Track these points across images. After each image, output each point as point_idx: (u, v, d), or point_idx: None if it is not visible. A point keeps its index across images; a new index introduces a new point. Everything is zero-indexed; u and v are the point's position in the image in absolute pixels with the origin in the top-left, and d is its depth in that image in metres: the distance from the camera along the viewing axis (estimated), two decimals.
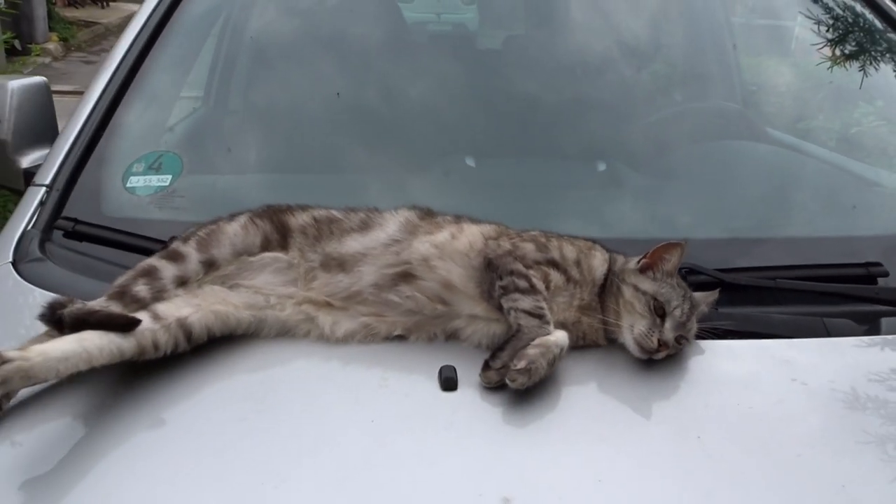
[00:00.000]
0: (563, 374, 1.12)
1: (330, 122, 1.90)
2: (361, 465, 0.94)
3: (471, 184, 1.85)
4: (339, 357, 1.14)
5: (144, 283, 1.15)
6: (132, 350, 1.06)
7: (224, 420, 1.02)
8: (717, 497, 0.92)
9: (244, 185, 1.66)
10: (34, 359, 0.96)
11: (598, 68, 2.10)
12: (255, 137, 1.80)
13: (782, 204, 1.74)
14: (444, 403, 1.05)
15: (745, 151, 1.99)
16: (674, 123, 2.05)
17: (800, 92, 2.31)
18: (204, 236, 1.24)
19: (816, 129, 2.17)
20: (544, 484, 0.93)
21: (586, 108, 2.04)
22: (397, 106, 1.97)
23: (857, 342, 1.24)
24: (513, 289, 1.13)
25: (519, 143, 1.96)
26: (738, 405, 1.08)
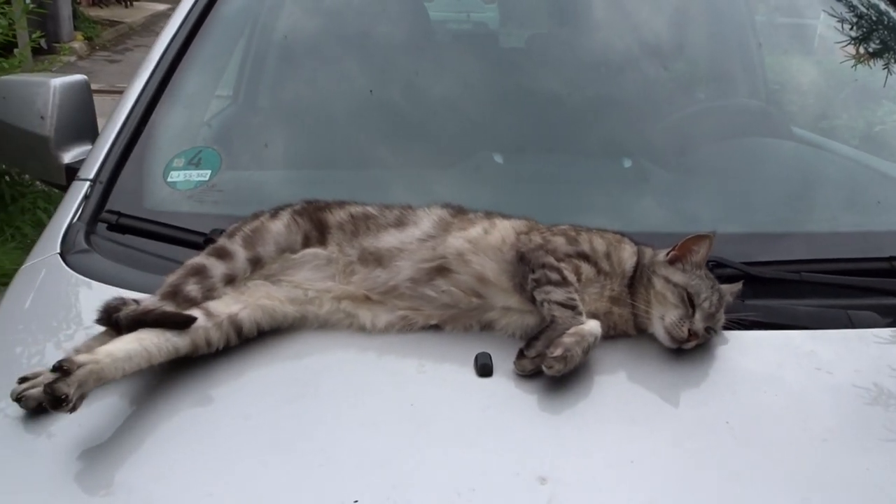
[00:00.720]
0: (595, 363, 1.16)
1: (360, 119, 1.94)
2: (403, 446, 0.99)
3: (499, 180, 1.89)
4: (377, 346, 1.19)
5: (195, 283, 1.20)
6: (187, 347, 1.12)
7: (270, 402, 1.07)
8: (746, 478, 0.95)
9: (279, 181, 1.71)
10: (103, 360, 1.02)
11: (623, 66, 2.13)
12: (289, 134, 1.85)
13: (807, 199, 1.76)
14: (480, 389, 1.10)
15: (769, 148, 2.01)
16: (698, 121, 2.08)
17: (823, 90, 2.32)
18: (249, 233, 1.29)
19: (840, 128, 2.18)
20: (579, 465, 0.97)
21: (611, 105, 2.07)
22: (425, 103, 2.01)
23: (881, 334, 1.27)
24: (545, 281, 1.17)
25: (545, 140, 1.99)
26: (764, 393, 1.11)
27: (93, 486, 0.94)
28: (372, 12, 2.22)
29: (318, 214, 1.32)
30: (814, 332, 1.25)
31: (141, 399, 1.07)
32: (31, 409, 1.05)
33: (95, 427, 1.01)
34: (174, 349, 1.10)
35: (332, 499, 0.90)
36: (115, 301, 1.17)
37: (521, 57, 2.52)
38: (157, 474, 0.95)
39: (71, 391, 0.96)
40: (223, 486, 0.92)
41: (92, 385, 1.01)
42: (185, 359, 1.12)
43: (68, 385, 0.96)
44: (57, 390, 0.95)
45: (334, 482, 0.93)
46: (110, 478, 0.94)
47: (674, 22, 2.32)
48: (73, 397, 0.96)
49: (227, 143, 1.77)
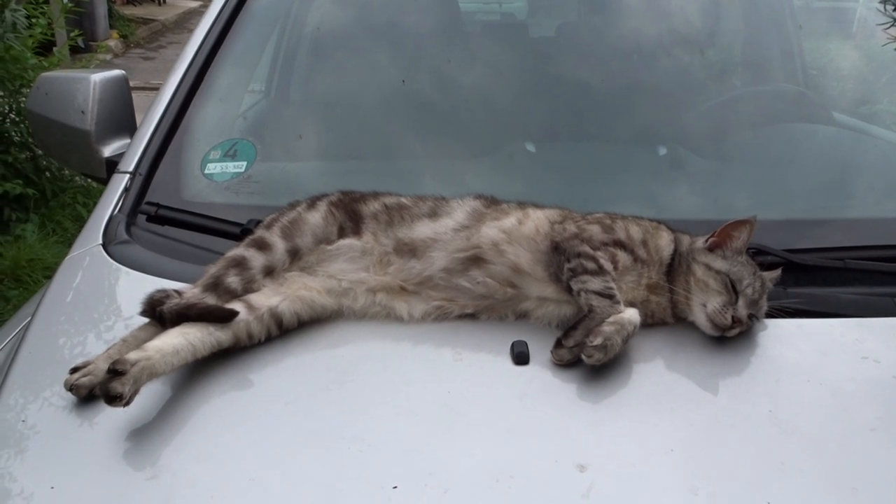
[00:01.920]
0: (633, 351, 1.14)
1: (392, 109, 1.95)
2: (441, 432, 0.99)
3: (532, 168, 1.88)
4: (413, 335, 1.19)
5: (236, 275, 1.22)
6: (229, 341, 1.14)
7: (308, 389, 1.08)
8: (790, 469, 0.94)
9: (313, 171, 1.72)
10: (154, 356, 1.05)
11: (655, 53, 2.10)
12: (322, 125, 1.86)
13: (848, 185, 1.72)
14: (516, 377, 1.09)
15: (808, 133, 1.97)
16: (734, 107, 2.04)
17: (864, 74, 2.27)
18: (287, 224, 1.30)
19: (882, 113, 2.13)
20: (618, 453, 0.96)
21: (644, 92, 2.04)
22: (456, 94, 2.01)
23: None
24: (581, 271, 1.16)
25: (578, 129, 1.98)
26: (808, 381, 1.09)
27: (139, 468, 0.96)
28: (402, 3, 2.22)
29: (353, 205, 1.33)
30: (859, 320, 1.22)
31: (183, 385, 1.09)
32: (83, 398, 1.07)
33: (140, 412, 1.03)
34: (217, 343, 1.12)
35: (371, 484, 0.91)
36: (158, 294, 1.19)
37: (551, 46, 2.50)
38: (201, 457, 0.96)
39: (126, 389, 0.99)
40: (264, 470, 0.93)
41: (145, 380, 1.04)
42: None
43: (122, 384, 0.99)
44: (112, 390, 0.99)
45: (373, 468, 0.93)
46: (155, 460, 0.96)
47: (708, 6, 2.28)
48: (127, 394, 1.00)
49: (261, 135, 1.79)
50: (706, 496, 0.89)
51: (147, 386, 1.05)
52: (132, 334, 1.15)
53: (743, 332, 1.17)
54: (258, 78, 2.16)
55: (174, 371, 1.08)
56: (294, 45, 2.38)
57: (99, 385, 1.03)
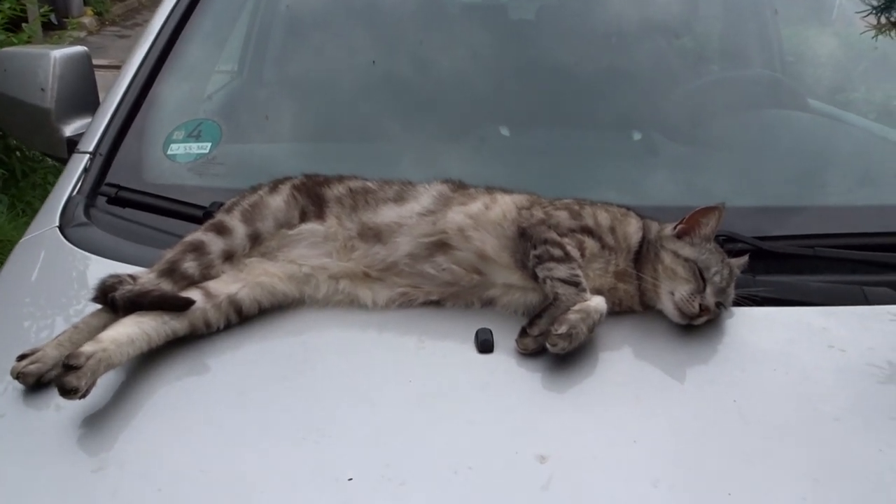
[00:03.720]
0: (599, 340, 1.13)
1: (363, 91, 1.90)
2: (400, 422, 0.97)
3: (505, 153, 1.85)
4: (377, 322, 1.16)
5: (193, 260, 1.18)
6: (185, 330, 1.10)
7: (265, 378, 1.05)
8: (753, 459, 0.92)
9: (280, 153, 1.68)
10: (109, 347, 1.01)
11: (633, 37, 2.07)
12: (290, 106, 1.81)
13: (821, 173, 1.71)
14: (480, 365, 1.07)
15: (782, 120, 1.95)
16: (710, 92, 2.02)
17: (841, 62, 2.25)
18: (248, 208, 1.26)
19: (858, 101, 2.12)
20: (580, 443, 0.94)
21: (621, 77, 2.02)
22: (432, 76, 1.97)
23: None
24: (547, 258, 1.14)
25: (553, 113, 1.95)
26: (774, 370, 1.08)
27: (84, 460, 0.93)
28: None
29: (317, 189, 1.29)
30: (827, 308, 1.21)
31: (135, 373, 1.05)
32: (31, 386, 1.04)
33: (89, 401, 1.00)
34: (172, 332, 1.09)
35: (325, 476, 0.88)
36: (110, 279, 1.15)
37: (530, 29, 2.47)
38: (151, 448, 0.93)
39: (82, 384, 0.96)
40: (216, 462, 0.91)
41: (102, 372, 1.00)
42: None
43: (79, 378, 0.96)
44: (68, 384, 0.96)
45: (329, 459, 0.91)
46: (102, 452, 0.93)
47: None
48: (83, 388, 0.96)
49: (228, 116, 1.74)
50: (667, 488, 0.88)
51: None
52: (84, 321, 1.11)
53: (710, 320, 1.16)
54: (228, 57, 2.10)
55: (130, 360, 1.05)
56: (267, 24, 2.33)
57: (54, 379, 1.00)
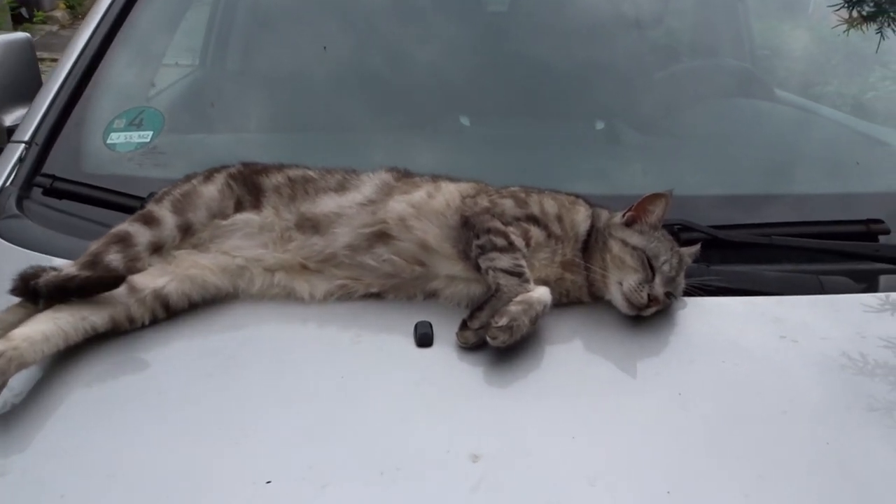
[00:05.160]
0: (545, 332, 1.08)
1: (319, 80, 1.85)
2: (327, 421, 0.91)
3: (464, 143, 1.81)
4: (313, 315, 1.11)
5: (118, 252, 1.12)
6: (106, 325, 1.05)
7: (189, 376, 0.99)
8: (694, 455, 0.88)
9: (226, 143, 1.62)
10: (22, 345, 0.96)
11: (601, 29, 2.04)
12: (238, 94, 1.76)
13: (782, 161, 1.68)
14: (418, 360, 1.02)
15: (745, 109, 1.92)
16: (674, 82, 1.99)
17: (814, 55, 2.23)
18: (179, 197, 1.20)
19: (831, 94, 2.10)
20: (515, 441, 0.89)
21: (586, 67, 1.98)
22: (392, 65, 1.92)
23: (853, 300, 1.19)
24: (490, 247, 1.09)
25: (516, 103, 1.90)
26: (723, 362, 1.04)
27: None
28: None
29: (254, 178, 1.24)
30: (780, 298, 1.17)
31: (48, 371, 1.00)
32: None
33: None
34: (91, 328, 1.03)
35: (243, 479, 0.83)
36: (31, 269, 1.09)
37: (497, 19, 2.42)
38: (56, 452, 0.87)
39: None
40: (126, 465, 0.85)
41: (13, 371, 0.95)
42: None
43: None
44: None
45: (248, 461, 0.85)
46: (7, 458, 0.87)
47: None
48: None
49: (172, 104, 1.68)
50: (604, 487, 0.83)
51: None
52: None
53: (660, 310, 1.12)
54: (180, 47, 2.03)
55: (45, 359, 0.99)
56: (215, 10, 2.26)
57: None
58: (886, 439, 0.91)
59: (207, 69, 2.18)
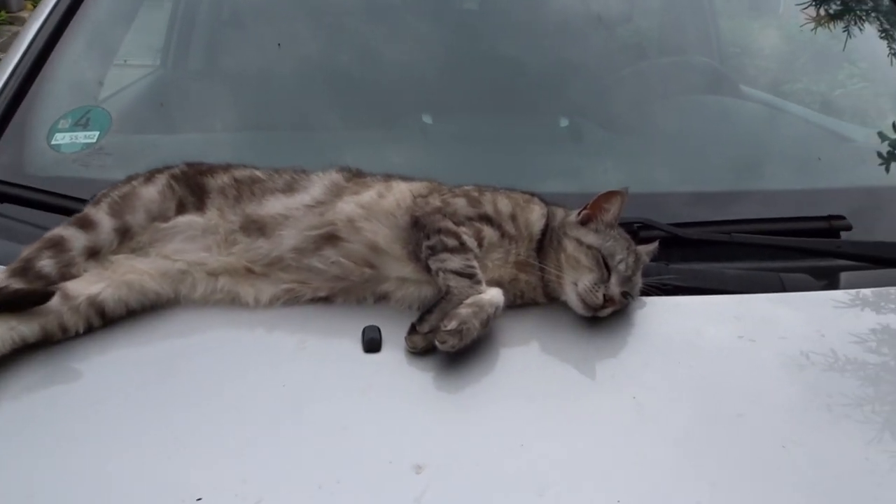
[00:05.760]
0: (498, 335, 1.05)
1: (277, 77, 1.81)
2: (265, 432, 0.87)
3: (427, 141, 1.77)
4: (259, 321, 1.07)
5: (51, 257, 1.07)
6: (36, 336, 1.00)
7: (123, 386, 0.94)
8: (647, 460, 0.85)
9: (177, 143, 1.57)
10: None
11: (566, 26, 2.01)
12: (190, 94, 1.71)
13: (744, 157, 1.66)
14: (365, 366, 0.98)
15: (711, 106, 1.91)
16: (640, 79, 1.97)
17: (784, 53, 2.23)
18: (118, 199, 1.15)
19: (800, 91, 2.09)
20: (462, 450, 0.86)
21: (551, 64, 1.95)
22: (353, 62, 1.88)
23: (814, 297, 1.17)
24: (441, 248, 1.06)
25: (480, 100, 1.87)
26: (679, 364, 1.01)
27: None
28: None
29: (198, 178, 1.19)
30: (739, 297, 1.15)
31: None
32: None
33: None
34: (20, 339, 0.98)
35: (172, 497, 0.78)
36: None
37: (463, 16, 2.39)
38: None
39: None
40: (47, 484, 0.80)
41: None
42: None
43: None
44: None
45: (178, 477, 0.81)
46: None
47: None
48: None
49: (120, 104, 1.62)
50: (552, 497, 0.80)
51: None
52: None
53: (617, 311, 1.09)
54: (132, 45, 1.98)
55: None
56: (179, 14, 2.21)
57: None
58: (843, 442, 0.88)
59: (163, 69, 2.12)
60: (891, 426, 0.91)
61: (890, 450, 0.88)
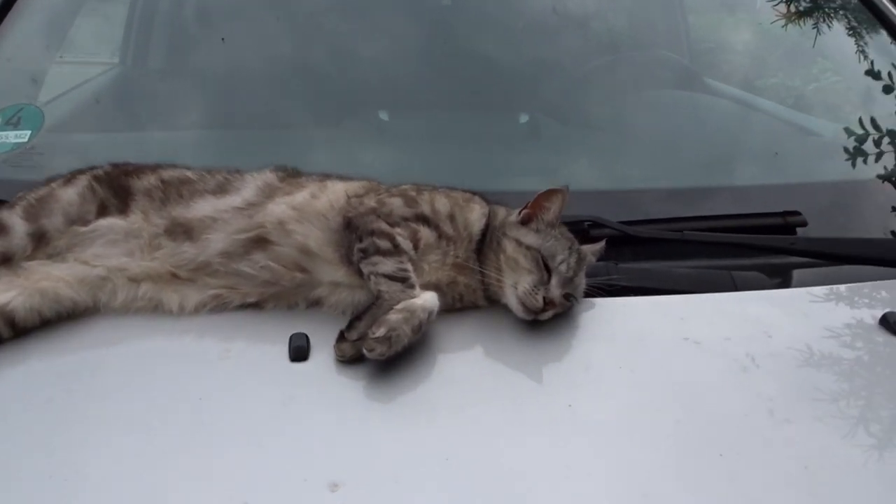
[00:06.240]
0: (435, 341, 1.00)
1: (224, 73, 1.75)
2: (172, 450, 0.82)
3: (382, 138, 1.72)
4: (182, 329, 1.02)
5: None
6: None
7: (25, 402, 0.89)
8: (577, 472, 0.81)
9: (111, 144, 1.51)
10: None
11: (527, 21, 1.98)
12: (128, 92, 1.65)
13: (707, 153, 1.63)
14: (290, 376, 0.94)
15: (673, 101, 1.87)
16: (601, 75, 1.93)
17: (756, 49, 2.20)
18: (34, 202, 1.10)
19: (772, 87, 2.06)
20: (383, 466, 0.81)
21: (511, 60, 1.91)
22: (304, 56, 1.83)
23: (765, 296, 1.14)
24: (373, 251, 1.01)
25: (438, 96, 1.83)
26: (619, 368, 0.97)
27: None
28: None
29: (123, 180, 1.14)
30: (687, 297, 1.11)
31: None
32: None
33: None
34: None
35: None
36: None
37: (423, 9, 2.34)
38: None
39: None
40: None
41: None
42: None
43: None
44: None
45: (72, 500, 0.76)
46: None
47: None
48: None
49: (55, 102, 1.56)
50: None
51: None
52: None
53: (560, 313, 1.05)
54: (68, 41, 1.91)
55: None
56: (137, 14, 2.15)
57: None
58: (783, 450, 0.84)
59: (91, 64, 2.05)
60: (836, 434, 0.87)
61: (834, 459, 0.84)
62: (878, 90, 1.68)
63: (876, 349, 1.01)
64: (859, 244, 1.24)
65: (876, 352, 1.01)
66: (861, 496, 0.80)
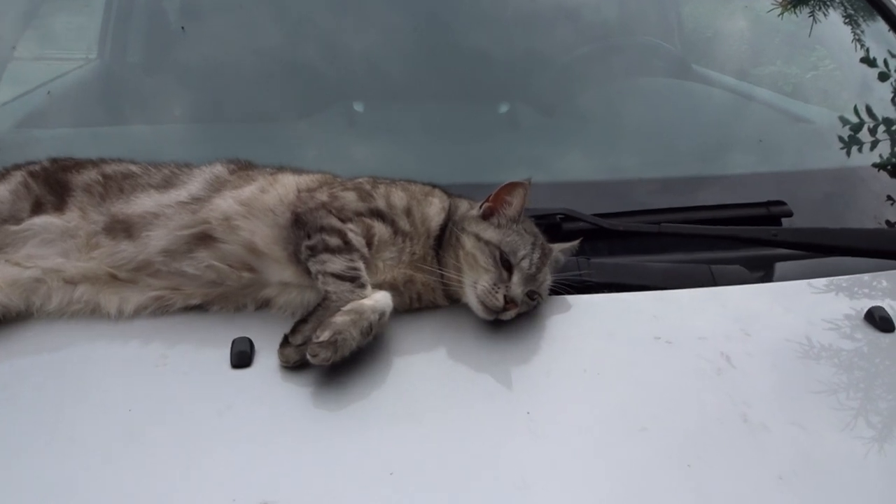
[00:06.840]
0: (391, 344, 0.94)
1: (190, 64, 1.69)
2: (93, 466, 0.76)
3: (357, 130, 1.66)
4: (119, 333, 0.96)
5: None
6: None
7: None
8: (534, 488, 0.74)
9: (64, 138, 1.44)
10: None
11: (506, 9, 1.91)
12: (91, 85, 1.58)
13: (689, 142, 1.56)
14: (230, 384, 0.87)
15: (656, 89, 1.81)
16: (583, 63, 1.87)
17: (753, 37, 2.13)
18: None
19: (774, 74, 2.00)
20: (322, 482, 0.75)
21: (489, 49, 1.85)
22: (276, 46, 1.76)
23: (745, 291, 1.07)
24: (322, 249, 0.95)
25: (414, 87, 1.76)
26: (584, 371, 0.90)
27: None
28: None
29: (61, 175, 1.07)
30: (660, 293, 1.05)
31: None
32: None
33: None
34: None
35: None
36: None
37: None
38: None
39: None
40: None
41: None
42: None
43: None
44: None
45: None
46: None
47: None
48: None
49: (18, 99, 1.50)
50: None
51: None
52: None
53: (523, 312, 0.98)
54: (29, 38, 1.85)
55: None
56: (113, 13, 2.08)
57: None
58: (756, 460, 0.78)
59: (100, 60, 1.99)
60: (814, 441, 0.80)
61: (811, 468, 0.78)
62: (874, 78, 1.62)
63: (860, 348, 0.94)
64: (846, 234, 1.17)
65: (860, 351, 0.94)
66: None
